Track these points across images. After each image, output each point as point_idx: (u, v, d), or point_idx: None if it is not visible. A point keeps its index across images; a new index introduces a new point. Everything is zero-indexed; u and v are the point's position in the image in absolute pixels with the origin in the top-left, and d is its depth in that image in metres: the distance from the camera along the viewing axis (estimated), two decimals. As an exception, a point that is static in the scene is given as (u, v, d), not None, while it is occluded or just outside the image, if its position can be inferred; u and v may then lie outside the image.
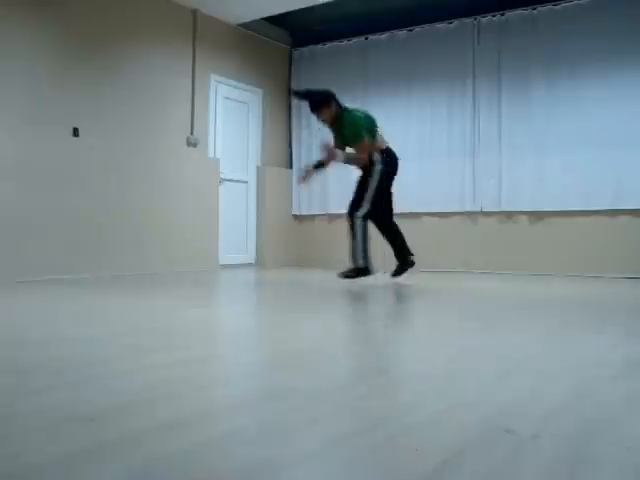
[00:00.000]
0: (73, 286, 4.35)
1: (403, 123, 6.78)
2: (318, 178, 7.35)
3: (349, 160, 4.78)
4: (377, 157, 4.65)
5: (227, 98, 6.84)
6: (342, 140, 4.75)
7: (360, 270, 4.59)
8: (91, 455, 1.03)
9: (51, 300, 3.54)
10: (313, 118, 7.53)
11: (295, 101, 7.60)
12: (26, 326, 2.52)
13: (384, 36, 6.95)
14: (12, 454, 1.03)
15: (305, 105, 7.50)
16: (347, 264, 4.71)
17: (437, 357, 1.95)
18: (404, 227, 6.80)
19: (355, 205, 4.66)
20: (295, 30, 7.50)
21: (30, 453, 1.04)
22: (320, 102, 4.72)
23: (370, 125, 4.71)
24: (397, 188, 6.81)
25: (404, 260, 4.85)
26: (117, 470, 0.96)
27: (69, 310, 3.07)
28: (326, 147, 4.71)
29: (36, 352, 1.96)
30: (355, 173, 4.91)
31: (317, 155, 7.27)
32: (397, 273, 4.86)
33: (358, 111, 4.80)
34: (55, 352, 1.95)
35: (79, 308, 3.15)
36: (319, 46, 7.40)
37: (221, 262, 6.59)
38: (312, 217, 7.46)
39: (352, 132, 4.63)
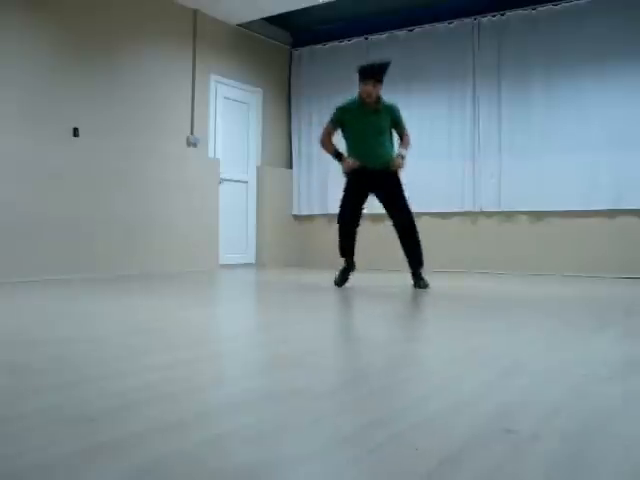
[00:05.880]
0: (72, 286, 4.35)
1: (403, 123, 6.78)
2: (318, 178, 7.35)
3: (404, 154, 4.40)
4: None
5: (227, 98, 6.84)
6: (381, 126, 4.35)
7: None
8: (92, 455, 1.03)
9: (51, 300, 3.53)
10: (315, 118, 7.62)
11: (295, 100, 7.60)
12: (25, 326, 2.52)
13: (384, 36, 6.95)
14: (13, 454, 1.03)
15: (306, 104, 7.54)
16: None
17: (437, 357, 1.95)
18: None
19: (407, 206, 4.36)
20: (295, 30, 7.50)
21: (31, 453, 1.04)
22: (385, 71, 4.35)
23: None
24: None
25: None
26: (118, 470, 0.96)
27: (69, 311, 3.06)
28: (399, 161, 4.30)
29: (35, 352, 1.96)
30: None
31: (316, 154, 7.27)
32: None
33: None
34: (54, 352, 1.96)
35: (79, 308, 3.15)
36: (319, 46, 7.40)
37: (221, 262, 6.59)
38: (312, 217, 7.46)
39: (400, 116, 4.42)
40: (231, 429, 1.19)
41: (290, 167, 7.61)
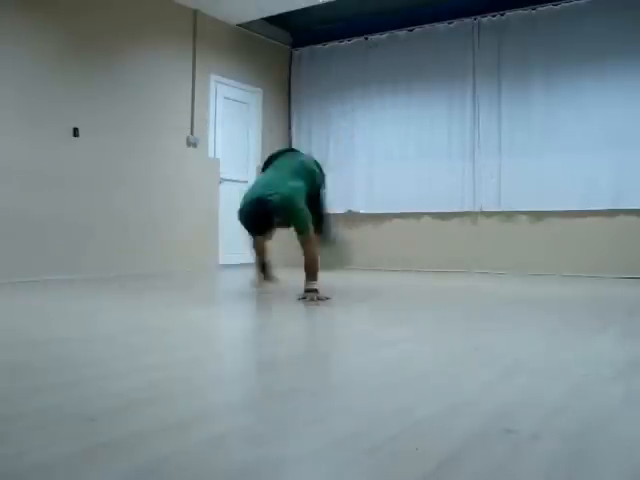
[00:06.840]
0: (72, 286, 4.35)
1: (403, 123, 6.78)
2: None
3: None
4: None
5: (227, 98, 6.84)
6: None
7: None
8: (92, 455, 1.03)
9: (51, 300, 3.53)
10: (315, 118, 7.63)
11: (295, 100, 7.58)
12: (25, 326, 2.52)
13: (384, 36, 6.95)
14: (14, 454, 1.04)
15: (306, 104, 7.54)
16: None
17: (437, 357, 1.95)
18: (404, 227, 6.83)
19: None
20: (295, 30, 7.50)
21: (32, 453, 1.04)
22: None
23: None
24: (397, 188, 6.86)
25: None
26: (118, 470, 0.96)
27: (69, 310, 3.06)
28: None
29: (35, 352, 1.96)
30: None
31: (315, 154, 7.27)
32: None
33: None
34: (55, 352, 1.95)
35: (79, 308, 3.15)
36: (319, 46, 7.40)
37: (221, 262, 6.59)
38: (312, 217, 7.44)
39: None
40: (231, 429, 1.19)
41: (290, 167, 7.60)
